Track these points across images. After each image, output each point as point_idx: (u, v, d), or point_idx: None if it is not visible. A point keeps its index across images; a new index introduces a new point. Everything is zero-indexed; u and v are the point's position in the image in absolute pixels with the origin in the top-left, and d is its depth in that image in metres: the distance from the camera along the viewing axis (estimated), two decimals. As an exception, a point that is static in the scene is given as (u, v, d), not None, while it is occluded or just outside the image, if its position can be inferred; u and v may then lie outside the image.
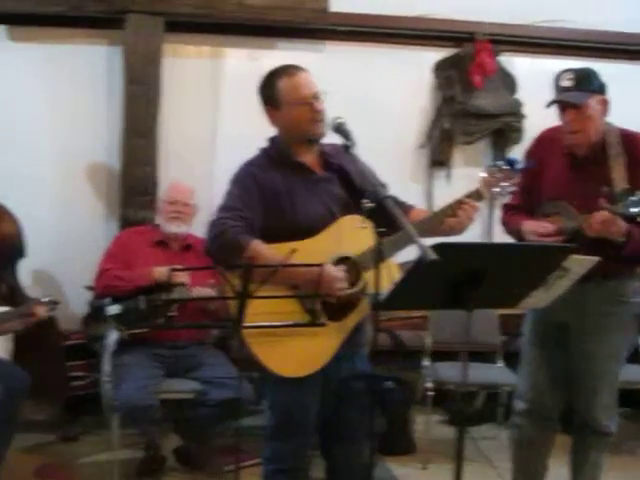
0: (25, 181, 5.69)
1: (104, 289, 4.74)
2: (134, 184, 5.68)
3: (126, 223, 5.55)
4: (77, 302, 5.44)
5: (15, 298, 4.99)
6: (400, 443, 5.18)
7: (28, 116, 5.83)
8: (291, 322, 3.17)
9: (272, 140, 3.41)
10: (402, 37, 6.18)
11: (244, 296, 3.03)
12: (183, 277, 4.55)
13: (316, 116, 3.27)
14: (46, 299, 4.54)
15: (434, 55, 6.22)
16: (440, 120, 6.25)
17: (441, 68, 6.21)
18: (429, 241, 2.78)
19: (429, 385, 5.03)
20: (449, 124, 6.21)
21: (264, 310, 3.11)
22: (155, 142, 5.72)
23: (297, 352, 3.20)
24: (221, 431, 4.69)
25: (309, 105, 3.27)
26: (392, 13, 6.03)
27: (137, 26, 5.65)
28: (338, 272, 3.16)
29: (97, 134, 5.90)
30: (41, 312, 4.44)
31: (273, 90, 3.33)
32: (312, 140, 3.34)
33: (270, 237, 3.19)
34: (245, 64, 6.00)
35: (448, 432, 5.44)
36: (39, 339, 4.79)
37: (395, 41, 6.19)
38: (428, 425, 5.15)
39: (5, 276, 5.18)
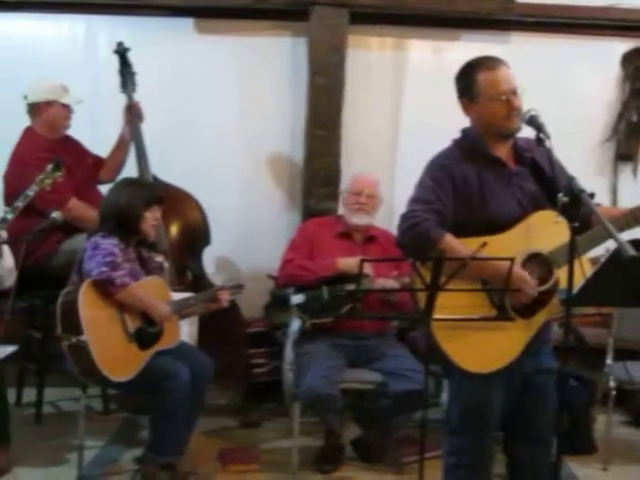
0: (210, 171, 5.82)
1: (288, 279, 4.79)
2: (316, 175, 5.73)
3: (308, 214, 5.60)
4: (259, 290, 5.53)
5: (200, 285, 5.12)
6: (582, 443, 5.03)
7: (213, 107, 5.96)
8: (480, 316, 3.12)
9: (465, 132, 3.35)
10: (589, 27, 6.02)
11: (434, 288, 3.00)
12: (367, 269, 4.54)
13: (513, 112, 3.19)
14: (230, 284, 4.62)
15: (622, 46, 6.03)
16: (627, 113, 6.06)
17: (629, 59, 6.01)
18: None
19: (612, 384, 4.87)
20: (636, 117, 6.01)
21: (452, 303, 3.07)
22: (338, 133, 5.75)
23: (484, 347, 3.15)
24: (401, 423, 4.68)
25: (507, 101, 3.20)
26: (579, 3, 5.88)
27: (322, 18, 5.69)
28: (526, 275, 3.11)
29: (281, 125, 5.98)
30: (225, 298, 4.52)
31: (471, 82, 3.26)
32: (507, 135, 3.28)
33: (461, 231, 3.14)
34: (428, 56, 5.99)
35: (630, 433, 5.31)
36: (223, 326, 4.90)
37: (582, 32, 6.04)
38: (609, 425, 4.99)
39: (191, 263, 5.34)
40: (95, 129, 5.44)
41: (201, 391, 4.33)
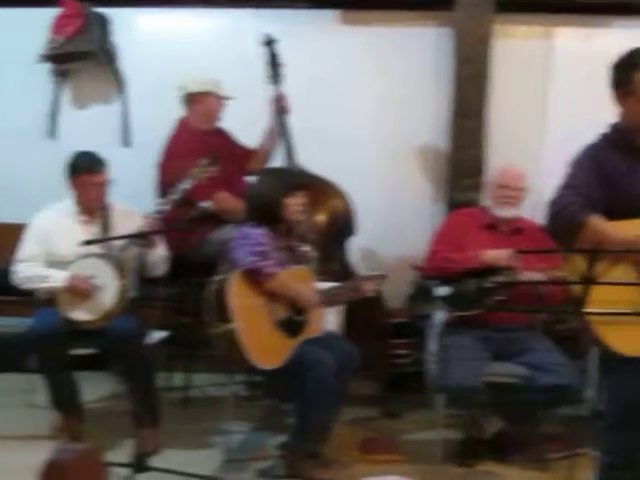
0: (355, 161, 5.85)
1: (433, 270, 4.77)
2: (462, 166, 5.70)
3: (453, 205, 5.57)
4: (402, 281, 5.52)
5: (344, 274, 5.15)
6: None
7: (358, 98, 5.99)
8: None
9: (614, 126, 3.29)
10: None
11: (588, 281, 2.94)
12: (514, 261, 4.49)
13: None
14: (374, 274, 4.63)
15: None
16: None
17: None
18: None
19: None
20: None
21: (607, 298, 3.01)
22: (484, 123, 5.69)
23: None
24: (544, 418, 4.61)
25: None
26: None
27: (468, 7, 5.64)
28: None
29: (425, 116, 5.97)
30: (368, 288, 4.53)
31: (629, 78, 3.19)
32: None
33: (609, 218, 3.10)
34: (577, 44, 5.86)
35: None
36: (366, 316, 4.93)
37: None
38: None
39: (337, 253, 5.38)
40: (244, 121, 5.51)
41: (346, 380, 4.35)
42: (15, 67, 6.20)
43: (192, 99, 5.35)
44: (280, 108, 5.29)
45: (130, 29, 6.19)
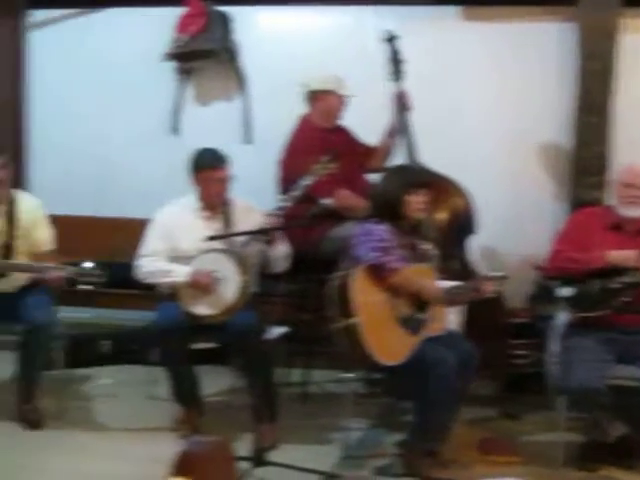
0: (476, 160, 5.81)
1: (556, 270, 4.67)
2: (585, 163, 5.60)
3: (576, 203, 5.47)
4: (523, 281, 5.43)
5: (465, 273, 5.11)
6: None
7: (479, 95, 5.95)
8: None
9: None
10: None
11: None
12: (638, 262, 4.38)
13: None
14: (495, 274, 4.57)
15: None
16: None
17: None
18: None
19: None
20: None
21: None
22: (608, 120, 5.58)
23: None
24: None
25: None
26: None
27: (592, 2, 5.54)
28: None
29: (547, 112, 5.89)
30: (489, 288, 4.48)
31: None
32: None
33: None
34: None
35: None
36: (486, 315, 4.87)
37: None
38: None
39: (457, 251, 5.34)
40: (364, 118, 5.52)
41: (466, 380, 4.31)
42: (140, 66, 6.34)
43: (314, 97, 5.39)
44: (402, 105, 5.27)
45: (251, 27, 6.27)
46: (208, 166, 4.77)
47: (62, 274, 4.64)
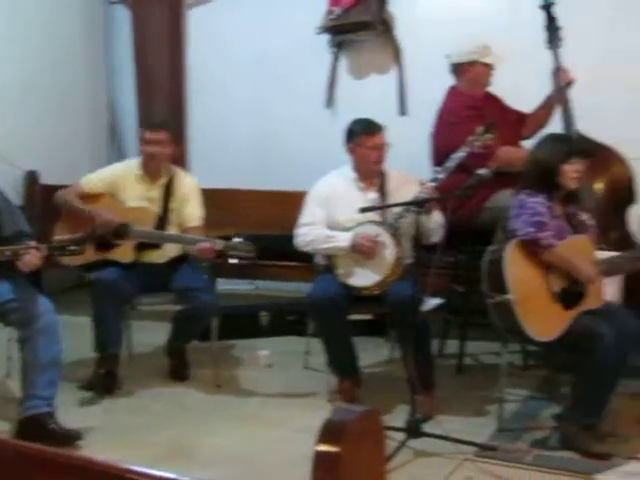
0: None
1: None
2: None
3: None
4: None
5: (624, 244, 4.99)
6: None
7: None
8: None
9: None
10: None
11: None
12: None
13: None
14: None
15: None
16: None
17: None
18: None
19: None
20: None
21: None
22: None
23: None
24: None
25: None
26: None
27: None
28: None
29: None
30: None
31: None
32: None
33: None
34: None
35: None
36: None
37: None
38: None
39: (617, 222, 5.22)
40: (518, 87, 5.45)
41: (627, 353, 4.21)
42: (296, 39, 6.42)
43: (459, 68, 5.34)
44: (560, 81, 5.16)
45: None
46: (363, 133, 4.80)
47: (212, 246, 4.78)
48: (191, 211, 5.16)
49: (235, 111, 6.81)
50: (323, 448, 1.68)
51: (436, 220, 4.68)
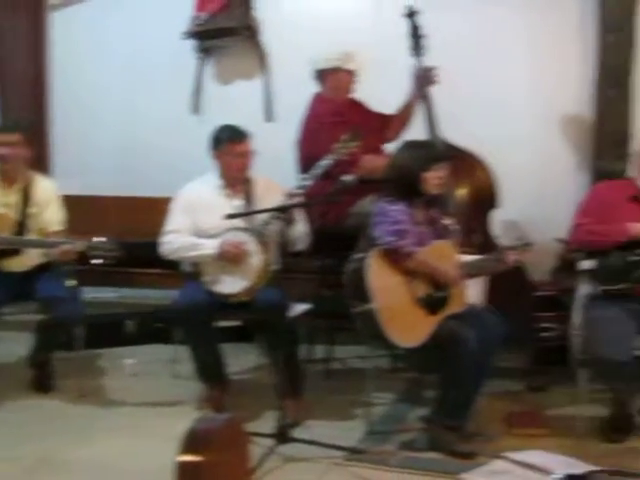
0: (499, 132, 5.79)
1: (578, 243, 4.67)
2: (607, 135, 5.56)
3: (599, 175, 5.44)
4: (547, 254, 5.43)
5: (487, 247, 5.09)
6: None
7: (501, 67, 5.94)
8: None
9: None
10: None
11: None
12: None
13: None
14: (518, 243, 4.57)
15: None
16: None
17: None
18: None
19: None
20: None
21: None
22: (629, 92, 5.53)
23: None
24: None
25: None
26: None
27: (614, -27, 5.50)
28: None
29: (569, 84, 5.85)
30: (513, 257, 4.47)
31: None
32: None
33: None
34: None
35: None
36: (510, 288, 4.85)
37: None
38: None
39: (480, 225, 5.33)
40: (383, 93, 5.50)
41: (490, 354, 4.31)
42: (162, 44, 6.35)
43: (322, 75, 5.37)
44: (424, 79, 5.24)
45: (273, 4, 6.24)
46: (228, 140, 4.79)
47: (72, 248, 4.67)
48: (51, 216, 5.04)
49: (103, 116, 6.69)
50: (185, 458, 1.66)
51: (300, 229, 4.70)
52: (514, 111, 5.89)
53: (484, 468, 3.96)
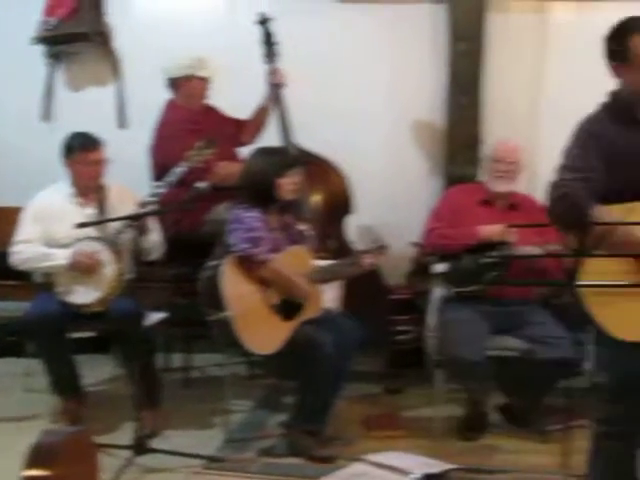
0: (354, 139, 5.83)
1: (431, 247, 4.78)
2: (459, 141, 5.67)
3: (451, 180, 5.55)
4: (402, 258, 5.52)
5: (343, 252, 5.15)
6: None
7: (356, 76, 5.95)
8: (629, 282, 3.04)
9: (614, 95, 3.25)
10: None
11: (580, 254, 2.94)
12: (511, 236, 4.50)
13: None
14: (373, 246, 4.63)
15: None
16: None
17: None
18: None
19: None
20: None
21: (601, 269, 3.01)
22: (480, 98, 5.67)
23: (635, 314, 3.06)
24: (546, 391, 4.60)
25: None
26: None
27: (462, -18, 5.61)
28: None
29: (421, 91, 5.93)
30: (368, 261, 4.54)
31: (625, 46, 3.13)
32: None
33: (609, 196, 3.06)
34: (572, 17, 5.78)
35: None
36: (366, 292, 4.92)
37: None
38: None
39: (334, 231, 5.38)
40: (238, 100, 5.49)
41: (346, 358, 4.36)
42: (10, 49, 6.18)
43: (175, 83, 5.32)
44: (275, 83, 5.26)
45: (125, 9, 6.14)
46: (80, 149, 4.71)
47: None
48: None
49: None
50: (30, 473, 1.62)
51: (154, 238, 4.65)
52: (369, 118, 5.93)
53: (343, 471, 3.97)
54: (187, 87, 5.29)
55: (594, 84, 3.26)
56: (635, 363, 3.13)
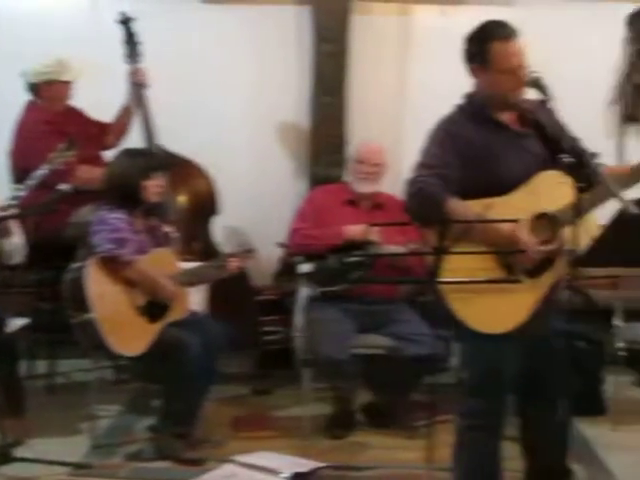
0: (218, 140, 5.82)
1: (297, 248, 4.82)
2: (323, 142, 5.73)
3: (315, 181, 5.60)
4: (268, 259, 5.54)
5: (209, 254, 5.14)
6: (592, 404, 5.04)
7: (220, 76, 5.94)
8: (487, 278, 3.13)
9: (469, 97, 3.34)
10: (594, -12, 5.94)
11: (440, 251, 3.01)
12: (374, 235, 4.57)
13: (520, 85, 3.19)
14: (240, 249, 4.65)
15: (627, 7, 5.94)
16: (633, 75, 5.99)
17: (634, 21, 5.93)
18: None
19: (621, 345, 4.87)
20: (641, 79, 5.95)
21: (462, 266, 3.09)
22: (344, 100, 5.74)
23: (495, 308, 3.16)
24: (412, 387, 4.69)
25: (516, 75, 3.18)
26: (585, -36, 5.81)
27: (326, -17, 5.67)
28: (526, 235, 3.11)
29: (287, 93, 5.95)
30: (235, 264, 4.55)
31: (483, 50, 3.21)
32: (512, 104, 3.27)
33: (468, 193, 3.15)
34: (435, 20, 5.90)
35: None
36: (232, 294, 4.92)
37: (587, -7, 5.96)
38: (619, 386, 5.01)
39: (200, 232, 5.36)
40: (100, 100, 5.42)
41: (213, 360, 4.37)
42: None
43: (36, 87, 5.21)
44: (137, 83, 5.21)
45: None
46: None
47: None
48: None
49: None
50: None
51: (15, 242, 4.54)
52: (234, 119, 5.92)
53: (213, 473, 3.97)
54: (48, 91, 5.20)
55: (457, 86, 3.34)
56: (494, 357, 3.23)
